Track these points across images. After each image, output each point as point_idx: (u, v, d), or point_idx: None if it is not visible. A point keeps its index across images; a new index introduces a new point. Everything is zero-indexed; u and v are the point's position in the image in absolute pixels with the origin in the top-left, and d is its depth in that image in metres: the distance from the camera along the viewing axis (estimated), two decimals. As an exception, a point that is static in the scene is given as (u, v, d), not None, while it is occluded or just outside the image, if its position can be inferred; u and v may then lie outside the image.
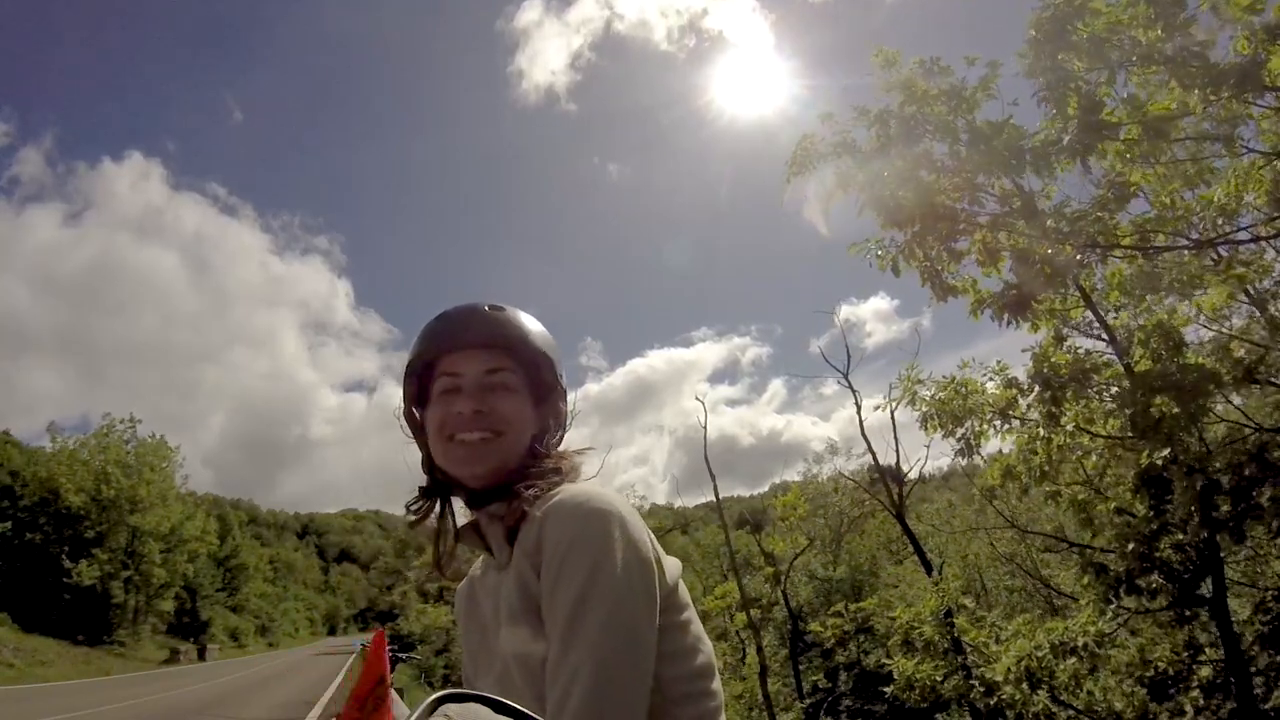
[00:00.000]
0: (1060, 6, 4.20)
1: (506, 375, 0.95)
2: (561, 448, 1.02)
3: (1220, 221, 5.32)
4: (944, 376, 6.90)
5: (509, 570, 0.90)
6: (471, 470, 0.94)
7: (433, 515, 1.03)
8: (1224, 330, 6.65)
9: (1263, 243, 5.89)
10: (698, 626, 0.92)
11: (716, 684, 0.90)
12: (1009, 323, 5.04)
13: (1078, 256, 4.81)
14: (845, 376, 14.19)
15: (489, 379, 0.95)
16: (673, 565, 0.91)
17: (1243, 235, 5.47)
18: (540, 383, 0.99)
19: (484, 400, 0.93)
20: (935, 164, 4.85)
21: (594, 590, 0.78)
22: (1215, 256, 6.17)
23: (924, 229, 4.83)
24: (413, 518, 1.02)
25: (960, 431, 6.53)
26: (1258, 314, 6.67)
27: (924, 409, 6.77)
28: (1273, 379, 5.90)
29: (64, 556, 28.17)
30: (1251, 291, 6.38)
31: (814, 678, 15.26)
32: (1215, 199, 5.16)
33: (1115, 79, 4.29)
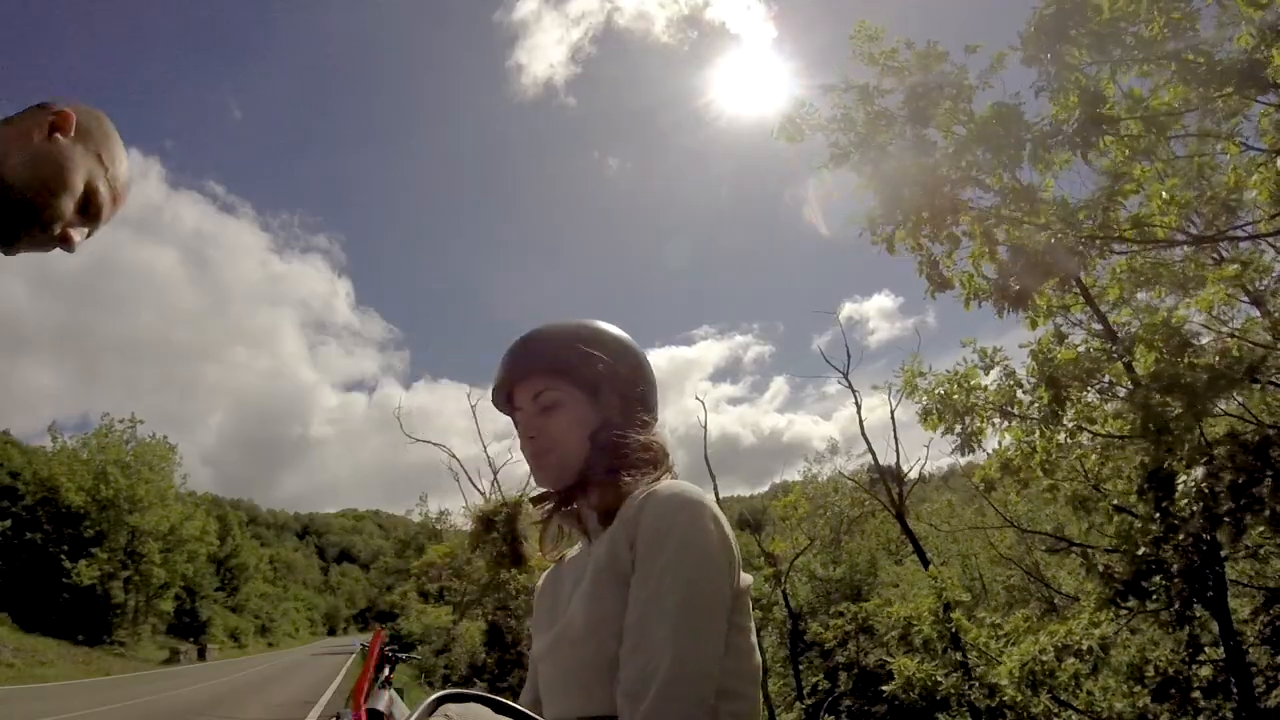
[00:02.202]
0: (1063, 2, 4.20)
1: (549, 395, 1.06)
2: (657, 427, 1.11)
3: (1223, 218, 5.31)
4: (946, 371, 6.89)
5: (601, 541, 0.97)
6: (545, 482, 1.08)
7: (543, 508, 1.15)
8: (1224, 331, 6.65)
9: (1262, 242, 5.88)
10: (754, 637, 0.98)
11: (757, 692, 0.96)
12: (1011, 310, 5.03)
13: (1079, 248, 4.81)
14: (845, 376, 14.23)
15: (538, 404, 1.06)
16: (746, 576, 0.99)
17: (1243, 232, 5.47)
18: (584, 381, 1.06)
19: (536, 426, 1.06)
20: (933, 152, 4.84)
21: (685, 569, 0.86)
22: (1216, 257, 6.16)
23: (920, 215, 4.83)
24: (539, 516, 1.15)
25: (959, 428, 6.51)
26: (1257, 314, 6.66)
27: (925, 401, 6.75)
28: (1273, 379, 5.89)
29: (64, 556, 28.14)
30: (1251, 291, 6.37)
31: (814, 678, 15.25)
32: (1218, 195, 5.16)
33: (1117, 73, 4.28)
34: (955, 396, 6.47)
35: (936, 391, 6.67)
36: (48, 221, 0.99)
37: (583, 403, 1.06)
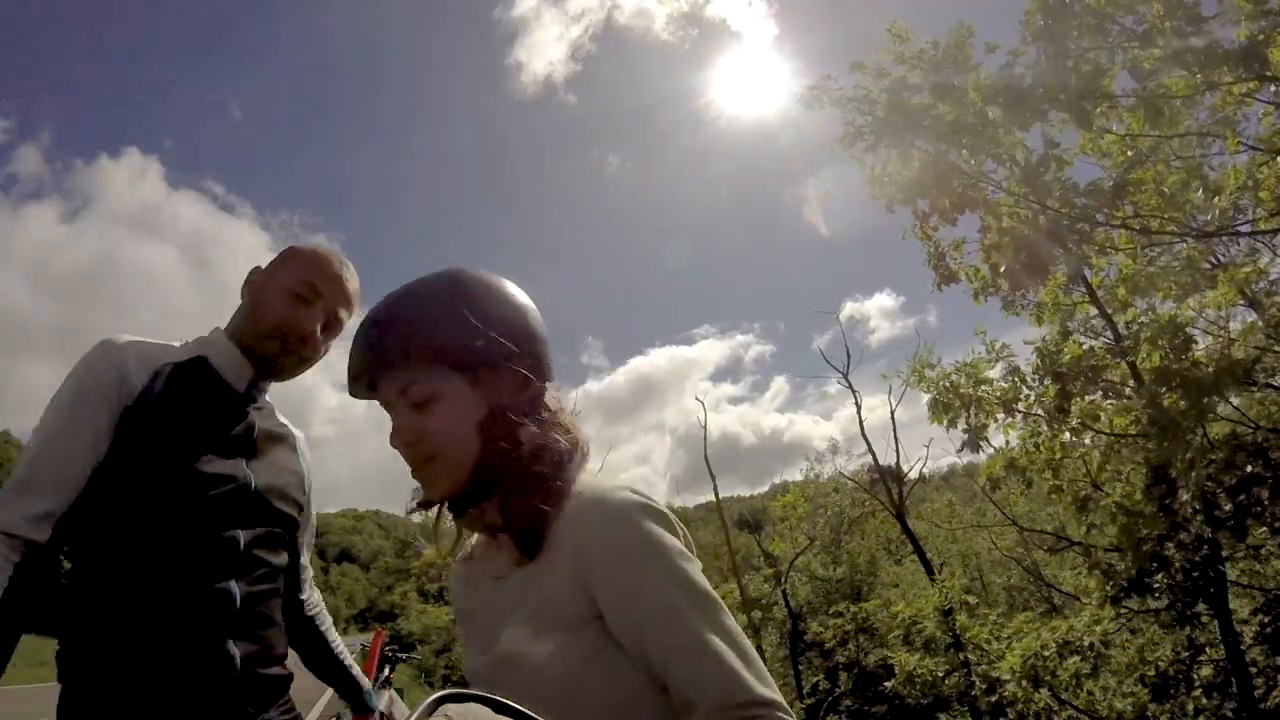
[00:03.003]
0: None
1: (419, 388, 0.85)
2: (553, 405, 0.90)
3: (1230, 212, 5.32)
4: (954, 363, 6.93)
5: (531, 574, 0.83)
6: (437, 494, 0.89)
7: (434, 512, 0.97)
8: (1222, 334, 6.67)
9: (1259, 244, 5.90)
10: None
11: None
12: (1015, 295, 5.05)
13: (1088, 229, 4.84)
14: (845, 376, 14.25)
15: (408, 399, 0.86)
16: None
17: (1243, 229, 5.48)
18: (461, 362, 0.85)
19: (411, 428, 0.86)
20: (946, 141, 4.88)
21: (674, 574, 0.78)
22: (1213, 260, 6.18)
23: (930, 204, 4.87)
24: (419, 516, 0.98)
25: (964, 422, 6.52)
26: (1253, 316, 6.67)
27: (932, 391, 6.78)
28: (1270, 381, 5.90)
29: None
30: (1249, 294, 6.37)
31: (814, 678, 15.23)
32: (1224, 190, 5.18)
33: (1116, 56, 4.32)
34: (962, 389, 6.48)
35: (942, 384, 6.69)
36: (292, 348, 1.28)
37: (463, 390, 0.86)
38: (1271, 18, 3.89)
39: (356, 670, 1.55)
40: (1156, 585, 6.32)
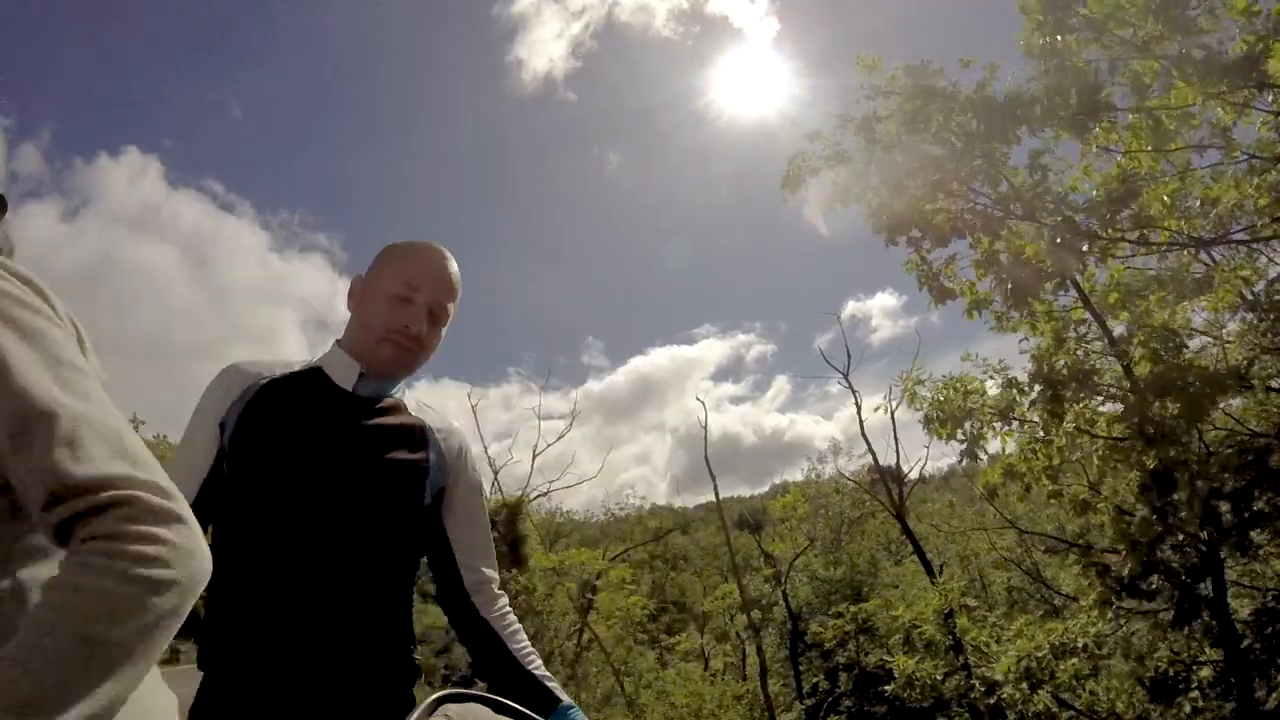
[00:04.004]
0: None
1: None
2: None
3: (1227, 220, 5.34)
4: (945, 376, 6.94)
5: None
6: None
7: None
8: (1217, 337, 6.68)
9: (1256, 249, 5.91)
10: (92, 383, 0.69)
11: None
12: (1011, 311, 5.07)
13: (1084, 247, 4.85)
14: (845, 377, 14.28)
15: None
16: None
17: (1240, 237, 5.49)
18: None
19: None
20: (931, 167, 4.90)
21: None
22: (1209, 262, 6.19)
23: (921, 229, 4.88)
24: None
25: (960, 434, 6.54)
26: (1249, 318, 6.67)
27: (925, 409, 6.79)
28: (1268, 385, 5.91)
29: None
30: (1247, 296, 6.38)
31: (814, 678, 15.25)
32: (1222, 198, 5.19)
33: (1115, 68, 4.34)
34: (954, 403, 6.50)
35: (936, 398, 6.70)
36: (407, 348, 1.30)
37: None
38: (1272, 20, 3.90)
39: (554, 684, 1.35)
40: (1154, 587, 6.33)
